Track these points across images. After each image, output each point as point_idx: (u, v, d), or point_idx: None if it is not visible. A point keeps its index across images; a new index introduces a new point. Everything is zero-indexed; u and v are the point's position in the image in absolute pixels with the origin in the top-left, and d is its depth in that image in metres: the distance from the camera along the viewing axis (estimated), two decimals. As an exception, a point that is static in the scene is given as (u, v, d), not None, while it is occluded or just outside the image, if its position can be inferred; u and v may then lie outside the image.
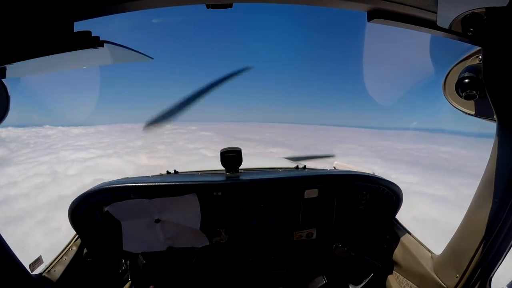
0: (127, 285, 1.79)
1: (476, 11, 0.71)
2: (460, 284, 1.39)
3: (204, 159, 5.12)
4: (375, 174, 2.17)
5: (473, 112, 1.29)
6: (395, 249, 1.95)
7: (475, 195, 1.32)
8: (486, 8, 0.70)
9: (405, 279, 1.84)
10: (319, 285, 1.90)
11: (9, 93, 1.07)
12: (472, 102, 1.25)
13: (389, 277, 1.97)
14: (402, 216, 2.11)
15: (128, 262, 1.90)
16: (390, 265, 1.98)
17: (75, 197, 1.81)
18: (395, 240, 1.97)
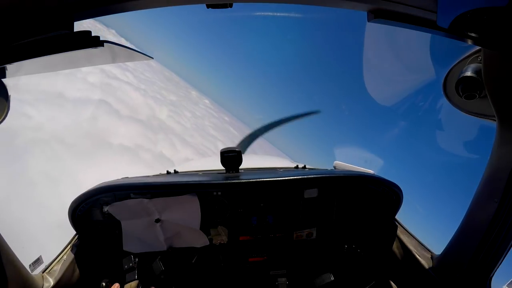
0: (134, 284, 1.76)
1: (476, 11, 0.71)
2: (460, 284, 1.39)
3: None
4: (375, 174, 2.17)
5: (473, 112, 1.30)
6: (395, 249, 1.96)
7: (475, 195, 1.33)
8: (486, 8, 0.70)
9: (405, 279, 1.85)
10: (326, 281, 1.89)
11: (9, 93, 1.07)
12: (472, 102, 1.25)
13: (389, 277, 1.97)
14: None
15: (137, 259, 1.86)
16: (390, 265, 1.98)
17: (75, 197, 1.81)
18: (395, 240, 1.97)
